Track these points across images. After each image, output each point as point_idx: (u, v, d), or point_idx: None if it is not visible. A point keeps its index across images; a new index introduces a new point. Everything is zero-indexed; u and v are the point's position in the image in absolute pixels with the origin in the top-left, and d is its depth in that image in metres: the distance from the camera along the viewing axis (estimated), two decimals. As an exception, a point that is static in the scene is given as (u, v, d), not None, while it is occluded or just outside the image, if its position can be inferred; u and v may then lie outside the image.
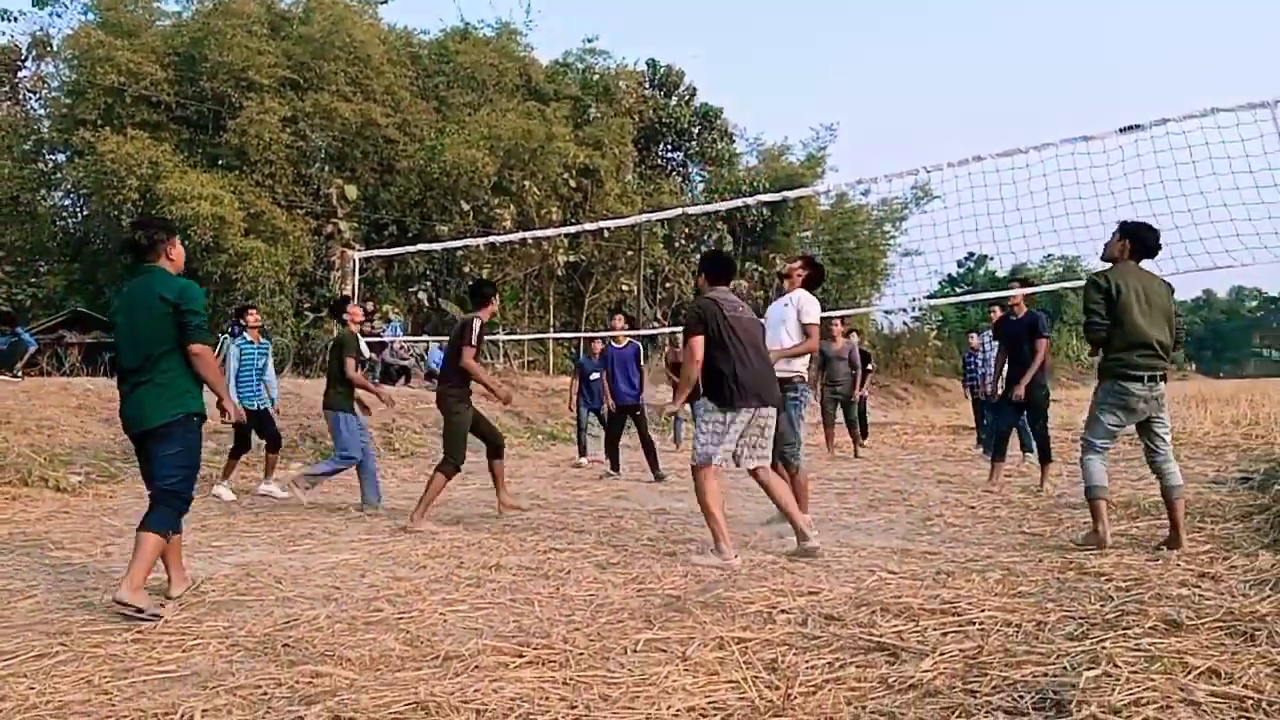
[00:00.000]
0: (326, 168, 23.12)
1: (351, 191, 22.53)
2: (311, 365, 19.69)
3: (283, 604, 4.53)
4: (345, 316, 8.42)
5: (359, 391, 8.12)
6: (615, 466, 10.52)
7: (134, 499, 8.51)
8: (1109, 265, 5.66)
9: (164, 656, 3.70)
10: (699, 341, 5.51)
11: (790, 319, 6.50)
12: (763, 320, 6.39)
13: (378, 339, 17.08)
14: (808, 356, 6.67)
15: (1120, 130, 8.01)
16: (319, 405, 11.16)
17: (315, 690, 3.24)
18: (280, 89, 21.92)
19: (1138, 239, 5.60)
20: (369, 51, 23.25)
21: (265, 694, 3.23)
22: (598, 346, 11.91)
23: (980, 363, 12.79)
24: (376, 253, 17.69)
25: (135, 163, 18.88)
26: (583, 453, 12.00)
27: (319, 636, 3.93)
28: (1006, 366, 8.87)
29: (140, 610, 4.21)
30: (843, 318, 13.34)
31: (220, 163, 21.43)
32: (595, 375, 11.42)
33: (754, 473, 5.63)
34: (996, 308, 9.92)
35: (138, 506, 8.02)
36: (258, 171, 21.07)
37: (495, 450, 7.50)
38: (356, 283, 12.29)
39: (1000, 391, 8.93)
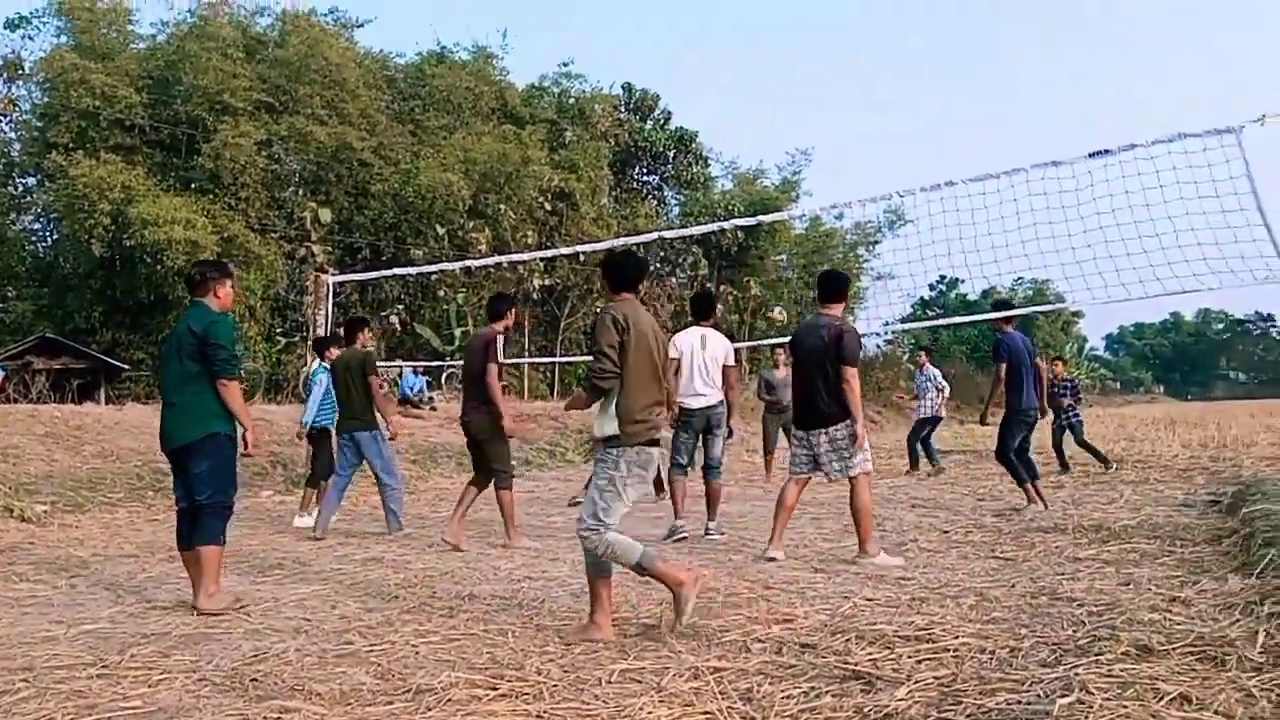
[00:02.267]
0: (301, 191, 23.07)
1: (325, 215, 22.46)
2: (283, 391, 19.54)
3: (251, 637, 4.46)
4: (359, 338, 8.35)
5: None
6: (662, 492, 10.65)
7: (100, 529, 8.40)
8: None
9: (129, 692, 3.62)
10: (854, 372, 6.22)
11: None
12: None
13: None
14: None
15: (1089, 155, 8.13)
16: (290, 432, 11.07)
17: (284, 726, 3.19)
18: (255, 112, 21.87)
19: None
20: (345, 75, 23.27)
21: (233, 730, 3.18)
22: None
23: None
24: (350, 277, 17.60)
25: (108, 186, 18.73)
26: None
27: (288, 670, 3.87)
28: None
29: (226, 608, 4.89)
30: (784, 346, 13.55)
31: (194, 186, 21.32)
32: None
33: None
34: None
35: (104, 537, 7.93)
36: (231, 195, 20.97)
37: (484, 479, 7.34)
38: (330, 307, 12.21)
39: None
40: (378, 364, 9.21)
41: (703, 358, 7.40)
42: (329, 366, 8.61)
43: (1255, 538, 5.80)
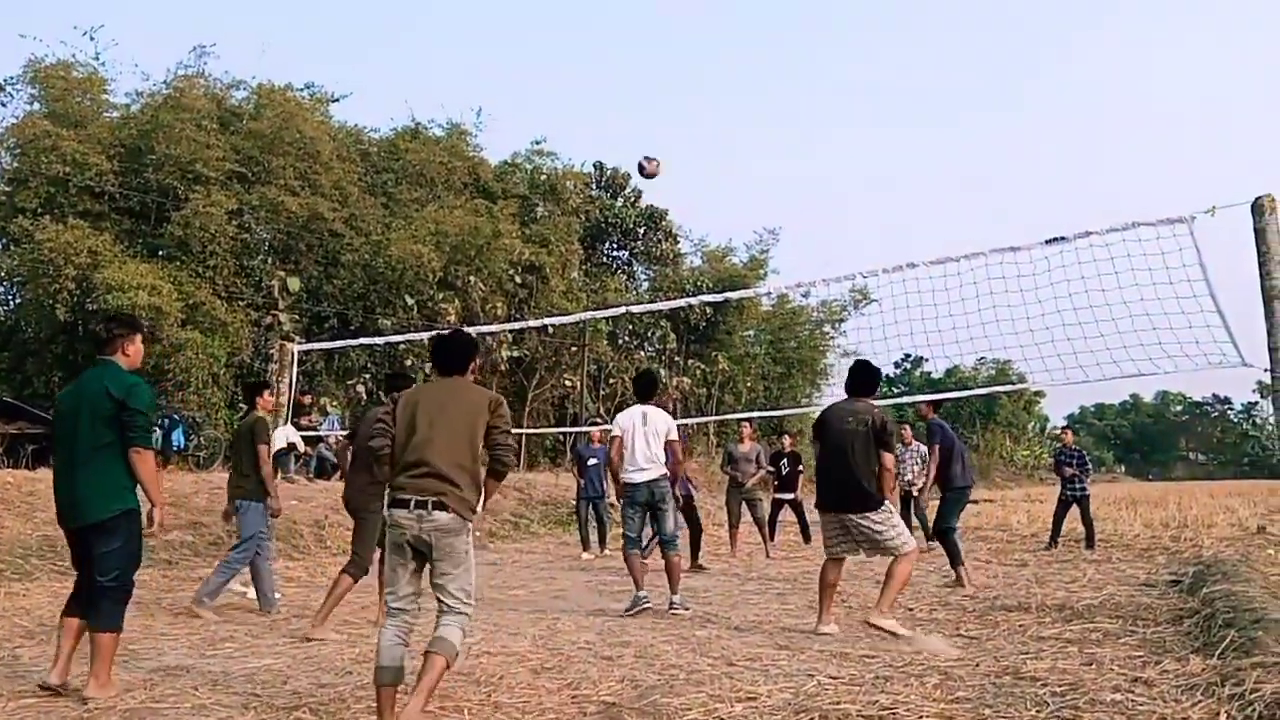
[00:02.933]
0: (270, 260, 23.04)
1: (294, 284, 22.43)
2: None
3: (199, 712, 4.33)
4: (258, 400, 8.01)
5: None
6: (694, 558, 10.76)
7: (49, 598, 8.14)
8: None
9: (67, 770, 3.49)
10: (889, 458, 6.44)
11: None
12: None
13: (314, 433, 16.78)
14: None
15: (1045, 242, 8.32)
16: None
17: (228, 806, 3.08)
18: (227, 182, 21.95)
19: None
20: (318, 148, 23.46)
21: (174, 811, 3.06)
22: (596, 435, 12.57)
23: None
24: (316, 345, 17.52)
25: (74, 251, 18.62)
26: (586, 546, 12.07)
27: (236, 747, 3.75)
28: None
29: (116, 697, 4.48)
30: (749, 420, 13.73)
31: (161, 253, 21.25)
32: (594, 461, 11.57)
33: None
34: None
35: (52, 606, 7.68)
36: (199, 263, 20.91)
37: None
38: (294, 375, 12.11)
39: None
40: (342, 433, 9.09)
41: (644, 433, 7.61)
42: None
43: (1216, 618, 5.83)
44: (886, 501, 6.40)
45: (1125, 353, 8.22)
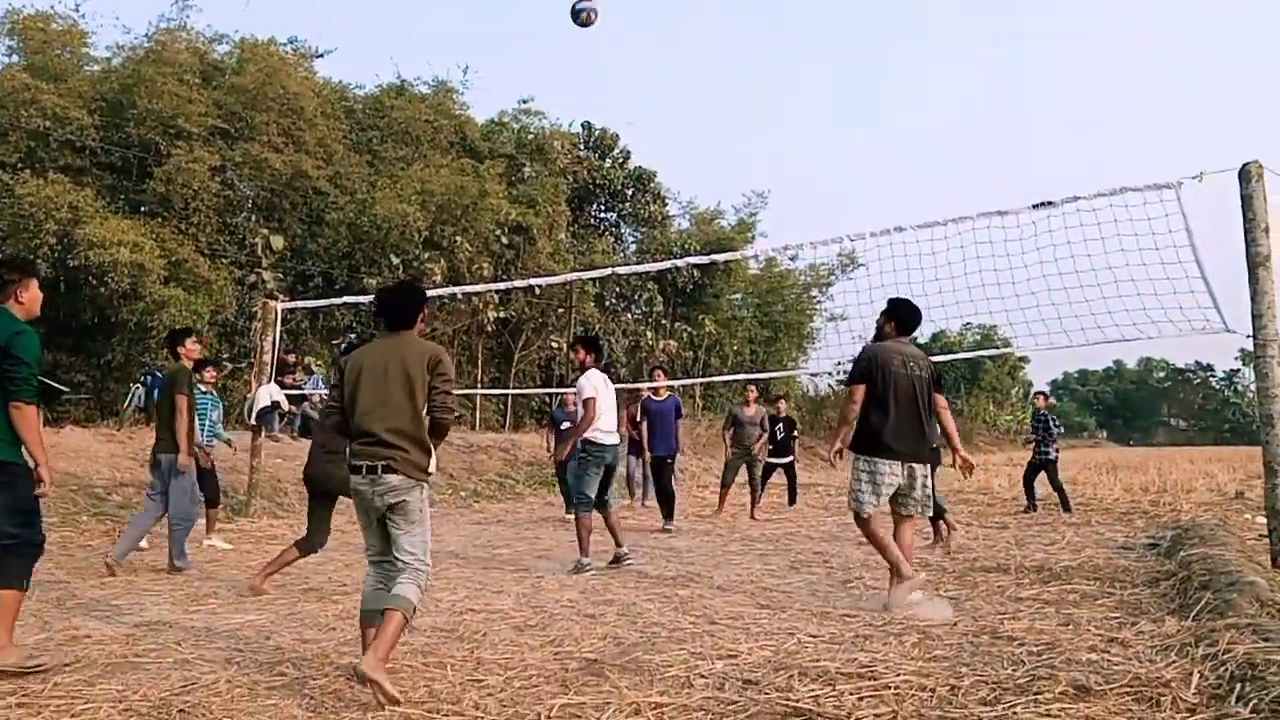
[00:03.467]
0: (253, 217, 22.77)
1: (278, 242, 22.19)
2: (229, 417, 19.15)
3: (181, 667, 4.34)
4: (180, 349, 7.78)
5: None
6: (665, 516, 11.00)
7: None
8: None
9: (49, 723, 3.50)
10: (859, 389, 5.95)
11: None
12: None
13: (299, 392, 16.72)
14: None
15: (1033, 206, 8.30)
16: (232, 459, 10.89)
17: (209, 759, 3.09)
18: (210, 138, 21.63)
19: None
20: (302, 104, 23.11)
21: (156, 763, 3.07)
22: (570, 396, 12.67)
23: None
24: (300, 304, 17.38)
25: (55, 206, 18.34)
26: (570, 506, 12.02)
27: (217, 702, 3.76)
28: None
29: (15, 666, 4.09)
30: (754, 383, 13.73)
31: (143, 209, 20.96)
32: (566, 425, 11.63)
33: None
34: None
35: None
36: (182, 219, 20.65)
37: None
38: (278, 333, 12.04)
39: None
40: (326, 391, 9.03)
41: (611, 397, 7.83)
42: (204, 392, 8.62)
43: (1192, 581, 5.91)
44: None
45: (1110, 318, 8.25)
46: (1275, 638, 4.00)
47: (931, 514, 8.25)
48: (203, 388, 8.70)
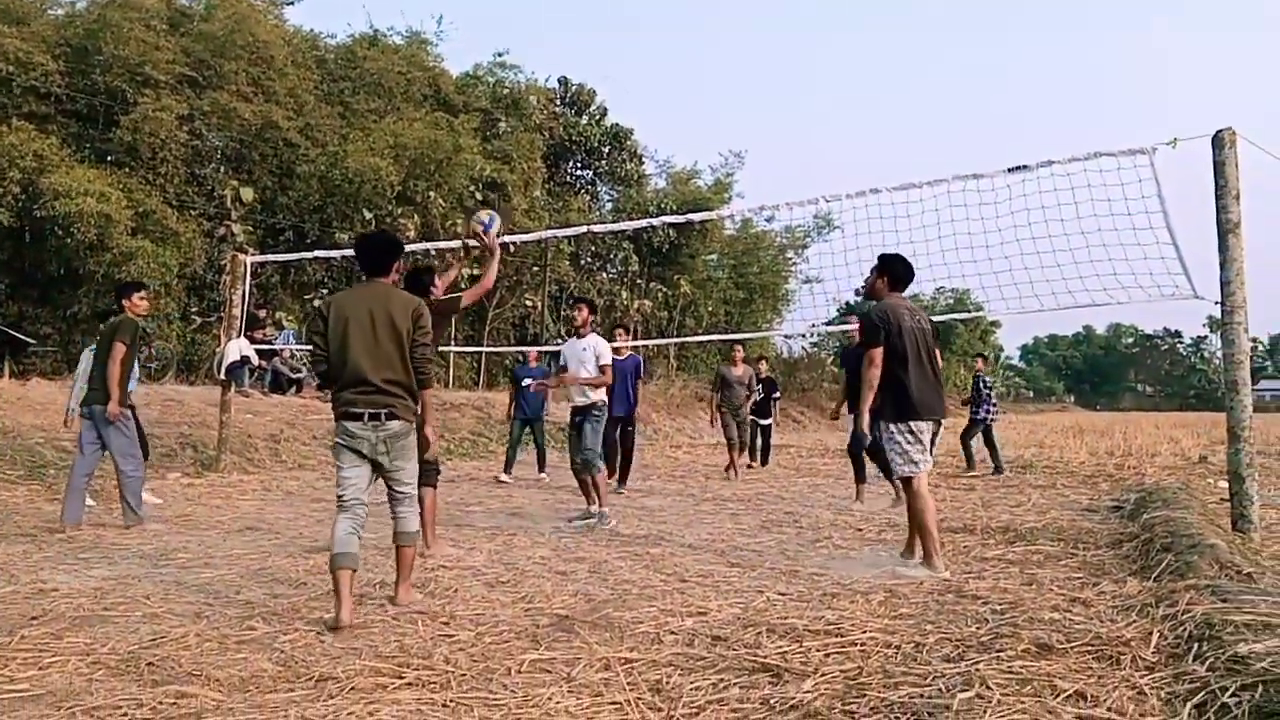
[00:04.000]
0: (223, 169, 22.41)
1: (248, 194, 21.85)
2: (197, 371, 18.99)
3: (149, 620, 4.32)
4: (126, 302, 7.64)
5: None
6: (619, 478, 10.62)
7: (-5, 507, 8.06)
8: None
9: (17, 675, 3.48)
10: (879, 352, 5.78)
11: (589, 360, 8.06)
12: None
13: (269, 347, 16.56)
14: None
15: (1008, 170, 8.31)
16: (201, 414, 10.80)
17: (179, 712, 3.09)
18: (177, 86, 21.17)
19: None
20: (272, 52, 22.66)
21: (125, 715, 3.07)
22: (533, 355, 12.66)
23: None
24: (271, 258, 17.18)
25: (18, 154, 17.94)
26: (508, 468, 11.84)
27: (186, 655, 3.75)
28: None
29: None
30: (742, 343, 13.68)
31: (110, 159, 20.54)
32: (528, 382, 11.47)
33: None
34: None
35: (0, 516, 7.60)
36: (149, 170, 20.27)
37: None
38: (248, 287, 11.89)
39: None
40: (297, 347, 8.93)
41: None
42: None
43: (1154, 543, 6.01)
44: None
45: (1081, 283, 8.28)
46: (1233, 599, 4.09)
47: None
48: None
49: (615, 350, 11.88)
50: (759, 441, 14.19)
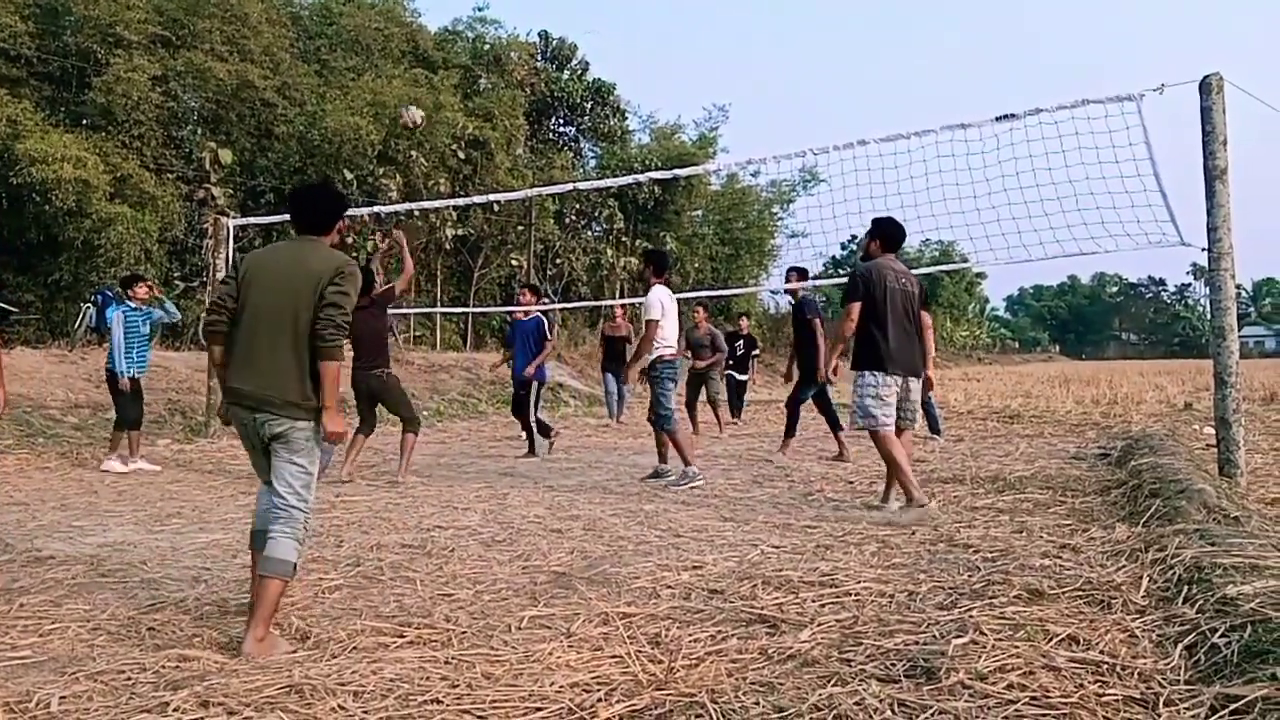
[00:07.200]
0: (200, 130, 22.07)
1: (226, 156, 21.54)
2: (181, 338, 18.86)
3: (148, 586, 4.33)
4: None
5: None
6: (538, 435, 10.31)
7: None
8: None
9: (19, 641, 3.49)
10: (855, 307, 6.08)
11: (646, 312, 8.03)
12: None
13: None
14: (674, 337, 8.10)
15: (996, 119, 8.27)
16: (189, 380, 10.83)
17: (182, 675, 3.10)
18: (150, 46, 20.77)
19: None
20: (246, 10, 22.22)
21: (129, 679, 3.08)
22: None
23: None
24: (253, 220, 16.99)
25: (-8, 120, 17.64)
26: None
27: (186, 619, 3.77)
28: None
29: None
30: (703, 304, 13.92)
31: (85, 122, 20.20)
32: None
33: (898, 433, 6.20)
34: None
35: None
36: (125, 132, 19.94)
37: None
38: (231, 250, 11.77)
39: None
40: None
41: (674, 312, 8.24)
42: (135, 308, 9.00)
43: (1142, 489, 6.08)
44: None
45: (1068, 232, 8.31)
46: (1221, 542, 4.15)
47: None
48: (133, 304, 9.00)
49: (524, 312, 11.00)
50: (735, 398, 14.27)
